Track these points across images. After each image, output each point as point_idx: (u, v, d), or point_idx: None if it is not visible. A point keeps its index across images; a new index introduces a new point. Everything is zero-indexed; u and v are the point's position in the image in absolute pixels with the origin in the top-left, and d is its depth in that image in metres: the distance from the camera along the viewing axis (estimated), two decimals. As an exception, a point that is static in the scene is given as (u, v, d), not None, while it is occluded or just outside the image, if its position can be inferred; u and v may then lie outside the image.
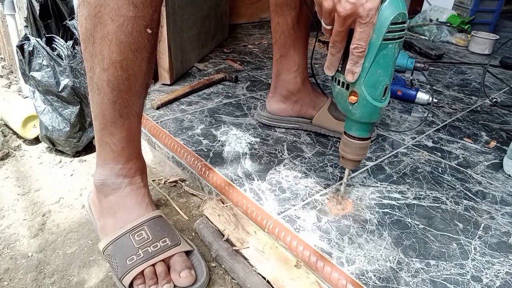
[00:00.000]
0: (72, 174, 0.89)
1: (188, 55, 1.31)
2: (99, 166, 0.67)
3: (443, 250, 0.65)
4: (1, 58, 1.48)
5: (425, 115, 1.12)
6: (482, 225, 0.71)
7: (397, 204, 0.75)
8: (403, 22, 0.53)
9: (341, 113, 0.90)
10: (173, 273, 0.60)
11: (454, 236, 0.68)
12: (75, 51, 0.90)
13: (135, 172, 0.67)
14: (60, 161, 0.94)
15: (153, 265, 0.61)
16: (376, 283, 0.59)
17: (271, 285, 0.60)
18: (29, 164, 0.92)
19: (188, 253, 0.65)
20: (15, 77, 1.32)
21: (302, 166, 0.85)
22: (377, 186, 0.80)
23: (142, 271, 0.60)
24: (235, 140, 0.94)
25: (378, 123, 1.05)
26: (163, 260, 0.61)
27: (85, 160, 0.95)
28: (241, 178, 0.80)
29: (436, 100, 1.16)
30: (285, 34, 0.89)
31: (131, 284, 0.59)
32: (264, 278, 0.61)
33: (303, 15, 0.87)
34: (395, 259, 0.63)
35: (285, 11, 0.87)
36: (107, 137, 0.63)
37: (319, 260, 0.62)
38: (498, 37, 1.74)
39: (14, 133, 1.01)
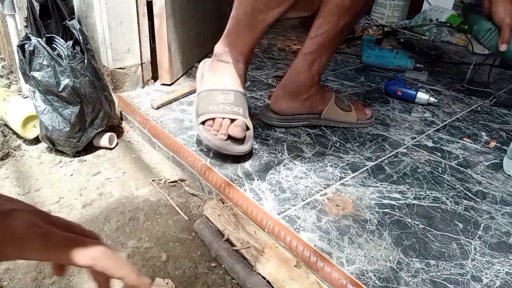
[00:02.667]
0: (72, 174, 0.90)
1: (188, 55, 1.31)
2: (224, 44, 0.87)
3: (443, 250, 0.65)
4: (1, 58, 1.47)
5: (425, 115, 1.12)
6: (482, 225, 0.71)
7: (397, 204, 0.75)
8: None
9: (344, 103, 0.99)
10: (232, 126, 0.81)
11: (454, 236, 0.68)
12: (75, 51, 0.90)
13: (243, 62, 0.88)
14: (60, 161, 0.94)
15: (223, 118, 0.82)
16: (376, 283, 0.59)
17: (271, 285, 0.60)
18: (29, 164, 0.92)
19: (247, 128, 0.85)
20: (15, 77, 1.32)
21: (302, 166, 0.85)
22: (377, 186, 0.80)
23: (214, 118, 0.82)
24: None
25: (378, 122, 1.05)
26: (231, 119, 0.82)
27: (85, 160, 0.95)
28: (241, 178, 0.80)
29: (436, 100, 1.17)
30: (330, 34, 0.89)
31: (203, 122, 0.83)
32: (264, 278, 0.61)
33: (352, 23, 0.90)
34: (395, 259, 0.63)
35: (344, 14, 0.85)
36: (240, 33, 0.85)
37: (319, 260, 0.62)
38: (498, 37, 1.74)
39: (14, 133, 1.01)
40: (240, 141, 0.82)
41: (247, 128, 0.85)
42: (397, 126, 1.05)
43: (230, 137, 0.81)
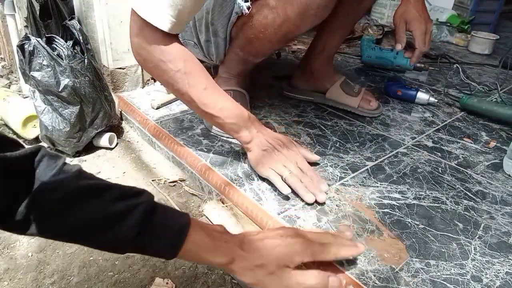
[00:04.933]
0: (72, 174, 0.89)
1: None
2: (224, 68, 0.99)
3: (443, 250, 0.65)
4: (1, 58, 1.48)
5: (425, 115, 1.12)
6: (482, 225, 0.71)
7: (397, 204, 0.75)
8: None
9: (351, 89, 1.06)
10: None
11: (454, 236, 0.68)
12: (75, 51, 0.90)
13: (241, 78, 0.99)
14: (60, 161, 0.93)
15: None
16: (376, 283, 0.59)
17: (271, 285, 0.60)
18: (29, 164, 0.92)
19: None
20: (15, 77, 1.32)
21: (302, 166, 0.85)
22: (377, 186, 0.80)
23: None
24: (235, 140, 0.93)
25: (378, 122, 1.05)
26: None
27: (85, 160, 0.95)
28: (241, 178, 0.80)
29: (436, 100, 1.17)
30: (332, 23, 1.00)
31: None
32: (264, 278, 0.61)
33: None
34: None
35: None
36: (235, 66, 0.98)
37: (319, 260, 0.62)
38: (498, 37, 1.74)
39: (14, 133, 1.01)
40: None
41: None
42: (397, 126, 1.05)
43: None
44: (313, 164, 0.84)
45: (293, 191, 0.74)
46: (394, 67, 1.40)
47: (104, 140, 0.98)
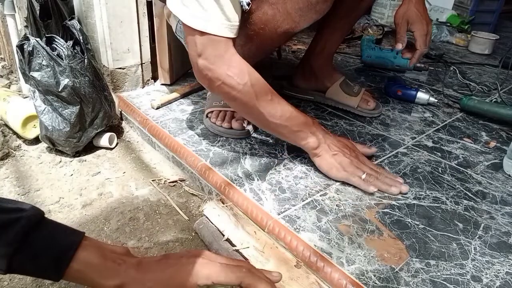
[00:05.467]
0: (72, 174, 0.89)
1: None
2: None
3: (443, 250, 0.65)
4: (1, 58, 1.47)
5: (425, 115, 1.12)
6: (482, 225, 0.71)
7: (397, 204, 0.75)
8: None
9: (350, 89, 1.08)
10: (233, 120, 0.94)
11: (454, 236, 0.68)
12: (75, 51, 0.90)
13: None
14: (60, 161, 0.94)
15: (226, 111, 0.95)
16: (376, 283, 0.59)
17: (271, 285, 0.60)
18: (29, 164, 0.92)
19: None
20: (15, 77, 1.32)
21: (302, 166, 0.85)
22: (377, 186, 0.80)
23: (219, 112, 0.96)
24: (235, 140, 0.94)
25: (378, 122, 1.05)
26: (232, 111, 0.95)
27: (85, 160, 0.95)
28: (241, 178, 0.80)
29: (436, 100, 1.17)
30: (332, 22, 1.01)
31: (207, 115, 0.97)
32: (264, 278, 0.61)
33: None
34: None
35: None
36: None
37: (319, 260, 0.62)
38: (498, 37, 1.74)
39: (14, 133, 1.01)
40: (242, 130, 0.95)
41: (248, 121, 0.95)
42: (397, 126, 1.05)
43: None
44: (313, 163, 0.84)
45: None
46: (394, 67, 1.40)
47: (104, 140, 0.98)
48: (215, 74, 0.73)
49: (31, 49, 0.85)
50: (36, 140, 0.99)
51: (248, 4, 0.80)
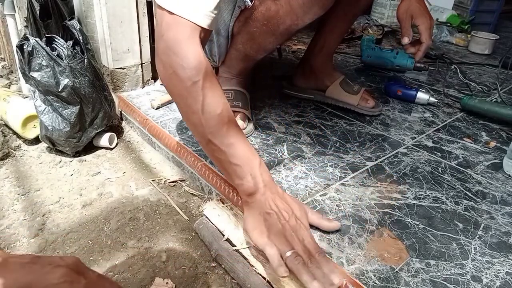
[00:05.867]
0: (72, 174, 0.89)
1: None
2: (225, 67, 0.97)
3: (443, 250, 0.65)
4: (1, 58, 1.47)
5: (425, 115, 1.12)
6: (482, 225, 0.71)
7: (397, 204, 0.75)
8: None
9: (350, 87, 1.08)
10: None
11: (454, 236, 0.68)
12: (75, 51, 0.90)
13: (242, 77, 0.98)
14: (60, 161, 0.94)
15: None
16: (376, 283, 0.59)
17: (271, 285, 0.60)
18: (29, 164, 0.92)
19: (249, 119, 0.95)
20: (15, 77, 1.32)
21: (302, 166, 0.85)
22: (377, 186, 0.80)
23: None
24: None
25: (378, 122, 1.05)
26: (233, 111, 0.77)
27: (85, 160, 0.95)
28: (241, 178, 0.80)
29: (436, 100, 1.17)
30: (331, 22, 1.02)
31: None
32: (264, 278, 0.61)
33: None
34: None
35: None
36: (235, 63, 0.95)
37: (319, 260, 0.61)
38: (498, 37, 1.74)
39: (14, 133, 1.01)
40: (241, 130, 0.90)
41: (249, 119, 0.96)
42: (397, 126, 1.05)
43: None
44: (312, 163, 0.84)
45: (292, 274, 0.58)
46: (394, 67, 1.40)
47: (104, 140, 0.98)
48: (168, 60, 0.63)
49: (30, 49, 0.85)
50: (36, 140, 0.99)
51: (251, 0, 0.80)
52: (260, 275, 0.62)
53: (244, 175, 0.64)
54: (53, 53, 0.87)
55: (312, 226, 0.67)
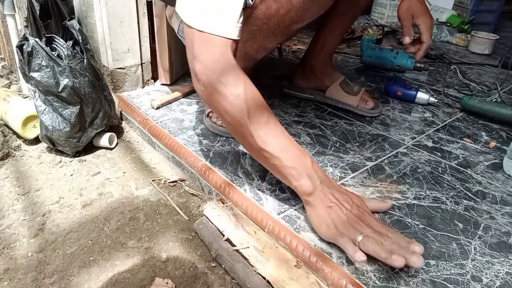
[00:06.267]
0: (72, 174, 0.90)
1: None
2: None
3: (443, 250, 0.65)
4: (1, 58, 1.48)
5: (425, 115, 1.12)
6: (482, 225, 0.71)
7: (397, 204, 0.75)
8: None
9: (350, 88, 1.08)
10: None
11: (454, 236, 0.68)
12: (75, 51, 0.90)
13: None
14: (60, 161, 0.94)
15: None
16: (376, 283, 0.59)
17: (271, 285, 0.60)
18: (29, 164, 0.92)
19: None
20: (15, 77, 1.32)
21: (302, 166, 0.85)
22: (377, 186, 0.80)
23: None
24: (235, 140, 0.94)
25: (378, 122, 1.05)
26: None
27: (85, 160, 0.95)
28: (241, 178, 0.80)
29: (436, 100, 1.17)
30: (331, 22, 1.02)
31: (207, 115, 0.95)
32: (264, 278, 0.61)
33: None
34: (395, 259, 0.63)
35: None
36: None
37: (319, 260, 0.62)
38: (498, 37, 1.74)
39: (14, 133, 1.01)
40: None
41: None
42: (397, 126, 1.05)
43: None
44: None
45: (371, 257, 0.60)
46: (394, 67, 1.40)
47: (104, 140, 0.98)
48: (208, 79, 0.65)
49: (30, 49, 0.85)
50: (36, 140, 0.99)
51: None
52: (260, 275, 0.62)
53: (300, 176, 0.66)
54: (53, 53, 0.87)
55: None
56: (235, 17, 0.65)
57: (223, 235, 0.69)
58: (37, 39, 0.86)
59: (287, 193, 0.76)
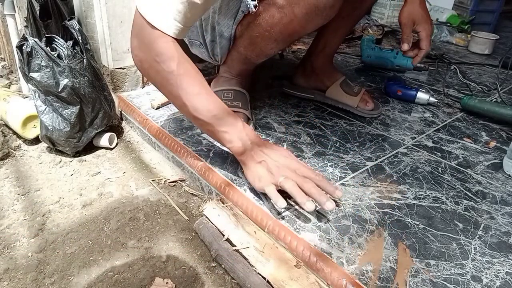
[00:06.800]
0: (72, 174, 0.90)
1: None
2: (225, 67, 0.99)
3: (443, 250, 0.65)
4: (1, 58, 1.48)
5: (425, 115, 1.12)
6: (482, 225, 0.71)
7: (397, 204, 0.75)
8: None
9: (350, 88, 1.08)
10: None
11: (454, 236, 0.68)
12: (75, 51, 0.90)
13: (241, 77, 1.00)
14: (60, 161, 0.94)
15: None
16: (376, 283, 0.59)
17: (271, 285, 0.60)
18: (29, 164, 0.92)
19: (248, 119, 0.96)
20: (15, 77, 1.32)
21: (302, 166, 0.85)
22: (377, 186, 0.80)
23: None
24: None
25: (378, 122, 1.05)
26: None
27: (85, 160, 0.95)
28: (241, 178, 0.80)
29: (436, 100, 1.17)
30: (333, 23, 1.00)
31: None
32: (264, 278, 0.61)
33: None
34: (395, 259, 0.63)
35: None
36: (236, 64, 0.98)
37: (319, 260, 0.62)
38: (498, 37, 1.74)
39: (14, 133, 1.01)
40: None
41: (249, 119, 0.96)
42: (397, 126, 1.05)
43: None
44: (313, 163, 0.84)
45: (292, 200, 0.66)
46: (394, 67, 1.40)
47: (104, 140, 0.98)
48: (144, 56, 0.72)
49: (29, 50, 0.85)
50: (36, 140, 0.99)
51: (255, 7, 0.80)
52: (260, 275, 0.62)
53: (232, 138, 0.73)
54: (53, 53, 0.87)
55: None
56: (177, 17, 0.68)
57: (223, 235, 0.69)
58: (36, 39, 0.86)
59: (287, 193, 0.76)
